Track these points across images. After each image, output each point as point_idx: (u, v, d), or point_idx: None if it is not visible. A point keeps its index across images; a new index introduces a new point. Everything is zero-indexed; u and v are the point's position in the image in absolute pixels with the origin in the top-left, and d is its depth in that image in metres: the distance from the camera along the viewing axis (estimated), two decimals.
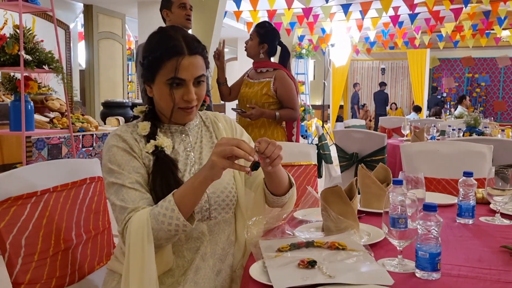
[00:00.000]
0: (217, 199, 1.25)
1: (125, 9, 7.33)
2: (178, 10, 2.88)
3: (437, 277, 0.99)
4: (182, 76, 1.19)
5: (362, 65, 14.02)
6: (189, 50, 1.20)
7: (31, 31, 3.34)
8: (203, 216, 1.23)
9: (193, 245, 1.22)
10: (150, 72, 1.22)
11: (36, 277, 1.20)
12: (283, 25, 8.24)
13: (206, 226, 1.24)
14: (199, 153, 1.30)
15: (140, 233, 1.08)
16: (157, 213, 1.10)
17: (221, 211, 1.26)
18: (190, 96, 1.21)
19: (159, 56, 1.19)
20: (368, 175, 1.57)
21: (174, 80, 1.19)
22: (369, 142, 3.34)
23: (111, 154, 1.20)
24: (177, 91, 1.20)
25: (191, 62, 1.20)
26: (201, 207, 1.23)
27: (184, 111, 1.23)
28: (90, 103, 7.10)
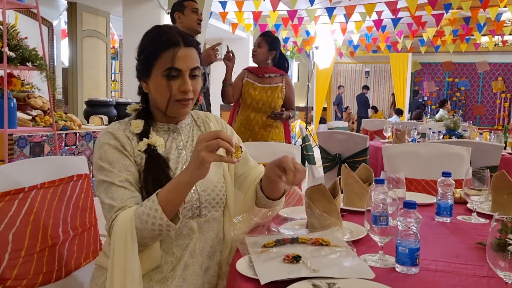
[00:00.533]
0: (208, 197, 1.27)
1: (109, 7, 7.28)
2: (191, 14, 2.97)
3: (416, 272, 1.04)
4: (178, 66, 1.21)
5: (346, 68, 14.17)
6: (184, 42, 1.23)
7: (15, 28, 3.32)
8: (193, 213, 1.25)
9: (183, 242, 1.23)
10: (147, 66, 1.24)
11: (23, 272, 1.21)
12: (268, 26, 8.29)
13: (196, 223, 1.25)
14: (190, 151, 1.32)
15: (124, 232, 1.10)
16: (141, 212, 1.11)
17: (211, 209, 1.28)
18: (186, 87, 1.22)
19: (155, 48, 1.22)
20: (351, 175, 1.61)
21: (171, 71, 1.21)
22: (351, 144, 3.40)
23: (102, 151, 1.21)
24: (174, 83, 1.22)
25: (186, 53, 1.23)
26: (192, 205, 1.24)
27: (180, 103, 1.24)
28: (73, 101, 7.02)
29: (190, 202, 1.24)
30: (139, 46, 1.28)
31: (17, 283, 1.20)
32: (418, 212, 1.54)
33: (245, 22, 8.39)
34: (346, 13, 7.27)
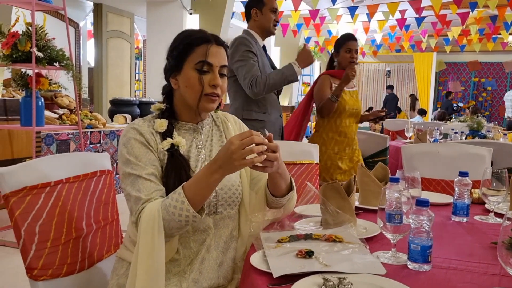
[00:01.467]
0: (225, 196, 1.31)
1: (134, 8, 7.41)
2: (269, 13, 2.76)
3: (428, 269, 1.05)
4: (210, 60, 1.26)
5: (368, 67, 14.05)
6: (216, 41, 1.30)
7: (43, 29, 3.43)
8: (210, 210, 1.29)
9: (200, 237, 1.27)
10: (179, 60, 1.28)
11: (49, 263, 1.27)
12: (289, 26, 8.31)
13: (212, 220, 1.29)
14: (209, 150, 1.36)
15: (151, 223, 1.14)
16: (167, 204, 1.14)
17: (227, 207, 1.32)
18: (217, 81, 1.27)
19: (189, 43, 1.27)
20: (367, 174, 1.63)
21: (204, 65, 1.26)
22: (371, 143, 3.39)
23: (129, 146, 1.25)
24: (205, 77, 1.27)
25: (218, 50, 1.29)
26: (209, 202, 1.28)
27: (209, 97, 1.28)
28: (98, 100, 7.19)
29: (208, 199, 1.27)
30: (171, 45, 1.33)
31: (43, 273, 1.25)
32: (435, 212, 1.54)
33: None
34: (368, 12, 7.22)
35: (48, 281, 1.26)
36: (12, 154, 3.73)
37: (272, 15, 2.76)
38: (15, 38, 3.25)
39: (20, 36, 3.25)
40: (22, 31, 3.29)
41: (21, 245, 1.24)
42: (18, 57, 3.24)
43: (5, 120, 3.63)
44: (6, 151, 3.67)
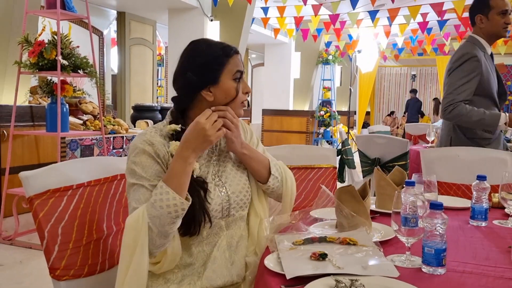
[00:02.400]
0: (236, 199, 1.34)
1: (156, 16, 7.54)
2: (496, 17, 2.52)
3: (442, 272, 1.05)
4: (240, 68, 1.33)
5: (390, 71, 13.91)
6: (235, 51, 1.34)
7: (68, 37, 3.53)
8: (223, 214, 1.32)
9: (212, 240, 1.31)
10: (214, 73, 1.28)
11: (71, 263, 1.31)
12: (310, 31, 8.31)
13: (224, 222, 1.32)
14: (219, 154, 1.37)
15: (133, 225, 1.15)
16: (153, 201, 1.15)
17: (238, 209, 1.35)
18: (249, 88, 1.35)
19: (220, 55, 1.29)
20: (383, 177, 1.62)
21: (239, 74, 1.31)
22: (391, 148, 3.37)
23: (136, 156, 1.25)
24: (242, 86, 1.33)
25: (239, 59, 1.34)
26: (222, 206, 1.31)
27: (243, 104, 1.36)
28: (121, 106, 7.32)
29: (221, 204, 1.30)
30: (195, 59, 1.30)
31: (65, 273, 1.30)
32: (453, 216, 1.54)
33: (287, 27, 8.44)
34: (389, 16, 7.17)
35: (70, 281, 1.30)
36: (39, 159, 3.84)
37: (501, 18, 2.52)
38: (41, 47, 3.36)
39: (46, 44, 3.35)
40: (48, 40, 3.40)
41: (45, 246, 1.28)
42: (44, 65, 3.35)
43: (31, 126, 3.75)
44: (33, 156, 3.79)
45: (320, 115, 9.57)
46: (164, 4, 6.73)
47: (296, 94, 10.36)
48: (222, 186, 1.33)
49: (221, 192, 1.32)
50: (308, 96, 10.55)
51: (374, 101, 13.74)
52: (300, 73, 10.24)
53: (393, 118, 12.99)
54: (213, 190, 1.31)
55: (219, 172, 1.35)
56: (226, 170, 1.36)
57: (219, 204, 1.30)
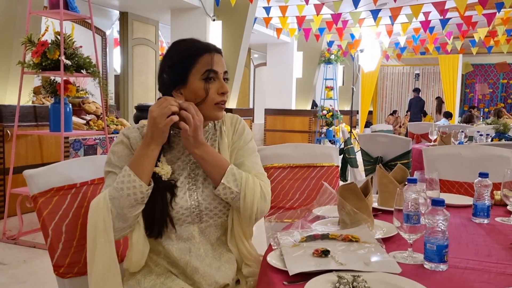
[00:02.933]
0: (209, 206, 1.28)
1: (158, 16, 7.56)
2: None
3: (444, 269, 1.05)
4: (216, 68, 1.26)
5: (392, 70, 13.90)
6: (215, 50, 1.30)
7: (71, 38, 3.54)
8: (193, 219, 1.27)
9: (183, 246, 1.26)
10: (183, 73, 1.26)
11: (75, 261, 1.32)
12: (312, 31, 8.31)
13: (197, 228, 1.28)
14: None
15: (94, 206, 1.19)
16: (115, 184, 1.19)
17: (213, 216, 1.29)
18: (225, 88, 1.28)
19: (192, 54, 1.26)
20: (385, 175, 1.63)
21: (210, 73, 1.25)
22: (394, 146, 3.37)
23: (114, 147, 1.29)
24: (212, 85, 1.26)
25: (219, 58, 1.29)
26: (191, 211, 1.26)
27: (219, 106, 1.28)
28: (124, 106, 7.34)
29: (189, 209, 1.26)
30: (168, 60, 1.31)
31: (70, 270, 1.31)
32: (456, 213, 1.54)
33: (289, 27, 8.44)
34: (391, 15, 7.16)
35: (74, 279, 1.31)
36: (42, 158, 3.86)
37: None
38: (45, 47, 3.37)
39: (49, 44, 3.36)
40: (51, 40, 3.41)
41: (49, 244, 1.30)
42: (47, 65, 3.36)
43: (35, 126, 3.76)
44: (36, 156, 3.80)
45: (323, 114, 9.57)
46: (167, 4, 6.74)
47: (299, 94, 10.36)
48: (194, 191, 1.29)
49: (191, 196, 1.27)
50: (310, 95, 10.55)
51: (376, 100, 13.73)
52: (303, 73, 10.24)
53: (396, 117, 12.97)
54: (183, 194, 1.27)
55: (195, 176, 1.30)
56: (203, 175, 1.30)
57: (187, 208, 1.26)
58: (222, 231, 1.32)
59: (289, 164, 2.13)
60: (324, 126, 9.72)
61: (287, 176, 2.12)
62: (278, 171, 2.10)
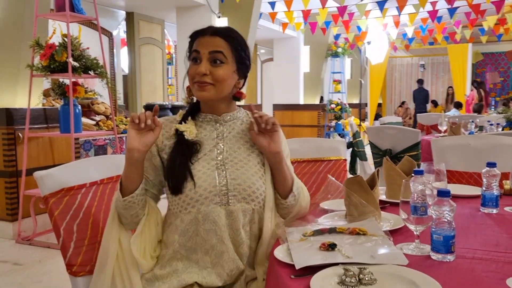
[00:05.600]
0: (238, 187, 1.30)
1: (164, 14, 7.57)
2: None
3: (451, 259, 1.05)
4: (197, 48, 1.32)
5: (401, 61, 13.80)
6: (211, 31, 1.34)
7: (78, 39, 3.57)
8: (221, 200, 1.28)
9: (210, 227, 1.28)
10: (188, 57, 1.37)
11: (86, 259, 1.35)
12: (318, 24, 8.27)
13: (224, 211, 1.29)
14: (231, 143, 1.37)
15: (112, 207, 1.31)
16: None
17: (241, 200, 1.30)
18: (199, 69, 1.30)
19: (190, 40, 1.37)
20: (393, 167, 1.63)
21: (192, 54, 1.33)
22: (402, 138, 3.35)
23: None
24: (193, 67, 1.32)
25: (210, 39, 1.33)
26: (219, 191, 1.28)
27: (197, 85, 1.32)
28: (132, 106, 7.39)
29: (217, 187, 1.28)
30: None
31: (82, 269, 1.34)
32: (464, 204, 1.54)
33: (295, 21, 8.41)
34: (398, 5, 7.09)
35: (87, 277, 1.34)
36: (54, 160, 3.90)
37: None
38: (52, 50, 3.40)
39: (57, 47, 3.40)
40: (58, 42, 3.45)
41: (61, 243, 1.32)
42: (55, 67, 3.39)
43: (45, 128, 3.81)
44: (48, 157, 3.85)
45: (331, 108, 9.53)
46: (172, 3, 6.75)
47: (307, 88, 10.32)
48: (223, 170, 1.31)
49: (220, 175, 1.30)
50: (318, 89, 10.50)
51: (385, 92, 13.64)
52: (310, 67, 10.20)
53: (405, 109, 12.89)
54: (211, 171, 1.30)
55: (225, 159, 1.34)
56: (233, 160, 1.34)
57: (215, 186, 1.28)
58: (249, 218, 1.32)
59: (296, 159, 2.13)
60: (333, 120, 9.68)
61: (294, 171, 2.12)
62: None
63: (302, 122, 9.67)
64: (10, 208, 3.63)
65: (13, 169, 3.60)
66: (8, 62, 3.81)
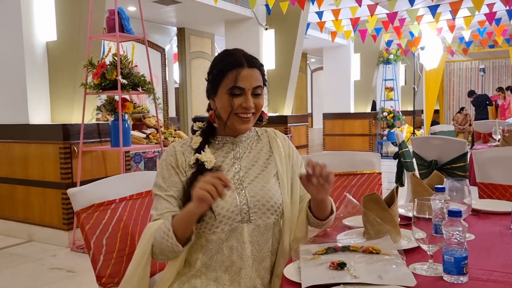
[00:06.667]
0: (257, 203, 1.34)
1: (213, 29, 7.79)
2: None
3: (464, 281, 1.02)
4: (241, 85, 1.33)
5: (459, 66, 13.23)
6: (248, 63, 1.35)
7: (127, 58, 3.77)
8: (243, 218, 1.33)
9: (233, 244, 1.32)
10: (214, 85, 1.38)
11: (115, 272, 1.43)
12: (368, 31, 8.15)
13: (246, 227, 1.33)
14: (246, 162, 1.42)
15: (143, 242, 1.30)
16: (160, 229, 1.27)
17: (261, 215, 1.34)
18: (248, 104, 1.34)
19: (222, 69, 1.36)
20: (419, 183, 1.59)
21: (234, 89, 1.33)
22: (449, 149, 3.23)
23: (160, 167, 1.39)
24: (236, 99, 1.34)
25: (249, 73, 1.35)
26: (240, 209, 1.33)
27: (240, 118, 1.36)
28: (183, 118, 7.63)
29: (239, 206, 1.33)
30: (209, 68, 1.43)
31: (110, 281, 1.42)
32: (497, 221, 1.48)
33: (344, 30, 8.33)
34: (451, 9, 6.84)
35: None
36: (106, 172, 4.12)
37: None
38: (103, 69, 3.61)
39: (108, 66, 3.61)
40: (109, 61, 3.66)
41: (91, 256, 1.41)
42: (106, 85, 3.60)
43: (98, 142, 4.03)
44: (101, 170, 4.07)
45: (384, 116, 9.32)
46: (221, 17, 6.94)
47: (357, 96, 10.17)
48: (241, 189, 1.36)
49: (239, 194, 1.34)
50: (369, 97, 10.31)
51: (443, 98, 13.12)
52: (360, 75, 10.05)
53: (465, 115, 12.31)
54: (230, 192, 1.33)
55: (241, 178, 1.38)
56: (249, 177, 1.38)
57: (236, 205, 1.32)
58: (270, 235, 1.36)
59: None
60: (385, 128, 9.46)
61: None
62: None
63: (353, 131, 9.53)
64: (66, 218, 3.87)
65: (69, 181, 3.84)
66: (65, 81, 4.09)
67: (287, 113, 7.09)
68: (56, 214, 3.92)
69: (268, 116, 1.56)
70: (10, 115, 4.18)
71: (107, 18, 3.73)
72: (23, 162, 4.13)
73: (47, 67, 4.17)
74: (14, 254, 3.77)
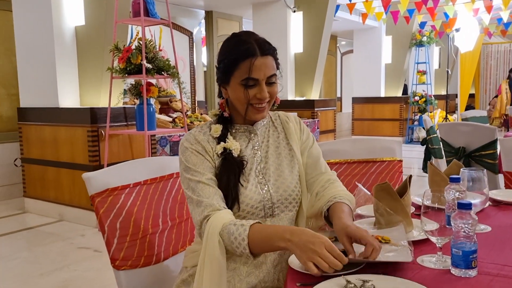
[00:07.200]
0: (280, 198, 1.34)
1: (241, 11, 7.73)
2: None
3: (473, 275, 1.00)
4: (255, 76, 1.29)
5: (497, 48, 12.70)
6: (261, 51, 1.30)
7: (152, 42, 3.80)
8: (266, 213, 1.33)
9: None
10: (226, 74, 1.33)
11: (128, 254, 1.46)
12: (400, 13, 7.90)
13: (269, 222, 1.33)
14: (265, 151, 1.40)
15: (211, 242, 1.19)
16: (231, 231, 1.17)
17: (284, 209, 1.35)
18: (263, 95, 1.30)
19: (234, 58, 1.30)
20: (437, 172, 1.55)
21: (248, 81, 1.29)
22: (477, 136, 3.12)
23: (187, 155, 1.34)
24: (251, 90, 1.30)
25: (263, 62, 1.29)
26: (264, 205, 1.33)
27: (255, 108, 1.33)
28: (210, 101, 7.67)
29: (262, 202, 1.32)
30: (219, 54, 1.38)
31: (124, 263, 1.45)
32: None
33: (375, 11, 8.11)
34: None
35: (128, 271, 1.45)
36: (132, 155, 4.20)
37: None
38: (129, 53, 3.65)
39: (133, 50, 3.65)
40: (134, 46, 3.70)
41: (105, 239, 1.44)
42: (131, 69, 3.65)
43: (125, 125, 4.11)
44: (127, 153, 4.15)
45: (415, 100, 9.09)
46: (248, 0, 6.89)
47: (388, 80, 9.94)
48: (264, 184, 1.34)
49: (263, 189, 1.33)
50: (401, 81, 10.05)
51: (479, 82, 12.66)
52: (392, 58, 9.80)
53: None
54: (254, 187, 1.33)
55: (263, 169, 1.37)
56: (270, 168, 1.37)
57: (260, 201, 1.31)
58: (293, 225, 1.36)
59: (346, 160, 2.10)
60: (417, 113, 9.23)
61: (344, 172, 2.10)
62: (334, 167, 2.08)
63: (383, 115, 9.34)
64: None
65: (96, 164, 3.94)
66: (93, 66, 4.17)
67: (314, 97, 7.00)
68: (85, 195, 4.04)
69: (280, 100, 1.52)
70: (41, 99, 4.31)
71: (133, 2, 3.76)
72: (53, 144, 4.26)
73: (75, 51, 4.26)
74: (46, 232, 3.93)
